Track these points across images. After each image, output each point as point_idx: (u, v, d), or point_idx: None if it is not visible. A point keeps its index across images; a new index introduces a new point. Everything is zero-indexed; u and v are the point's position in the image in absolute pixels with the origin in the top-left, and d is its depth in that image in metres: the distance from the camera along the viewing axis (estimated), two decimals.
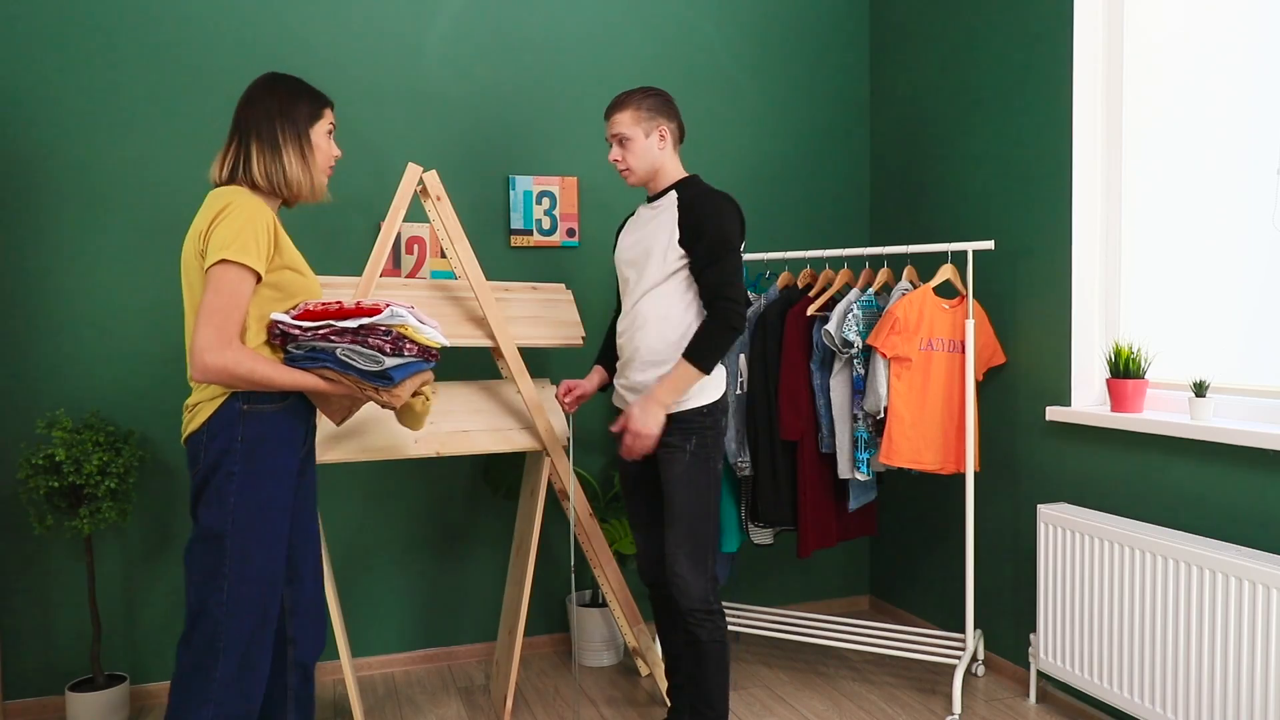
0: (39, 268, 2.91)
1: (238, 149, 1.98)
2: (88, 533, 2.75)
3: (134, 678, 3.03)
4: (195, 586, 1.89)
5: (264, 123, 1.98)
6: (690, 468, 2.39)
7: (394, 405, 1.97)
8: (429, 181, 2.67)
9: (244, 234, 1.85)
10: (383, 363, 1.91)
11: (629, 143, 2.45)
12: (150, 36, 2.97)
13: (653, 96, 2.46)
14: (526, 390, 2.77)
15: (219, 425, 1.88)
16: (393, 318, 1.92)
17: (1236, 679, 2.20)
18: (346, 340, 1.90)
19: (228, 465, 1.87)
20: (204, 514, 1.87)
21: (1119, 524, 2.54)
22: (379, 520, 3.26)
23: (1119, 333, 2.79)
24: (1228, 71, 2.48)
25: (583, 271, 3.43)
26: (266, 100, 2.00)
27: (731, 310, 2.32)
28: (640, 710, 2.91)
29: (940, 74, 3.33)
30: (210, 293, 1.82)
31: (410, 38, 3.21)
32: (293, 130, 2.00)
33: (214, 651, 1.86)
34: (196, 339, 1.81)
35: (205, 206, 1.92)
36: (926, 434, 2.92)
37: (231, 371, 1.81)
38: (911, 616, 3.58)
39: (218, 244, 1.83)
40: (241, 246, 1.84)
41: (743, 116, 3.59)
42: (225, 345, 1.81)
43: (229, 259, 1.82)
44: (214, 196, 1.92)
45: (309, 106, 2.04)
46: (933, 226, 3.40)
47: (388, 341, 1.92)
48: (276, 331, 1.91)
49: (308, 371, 1.91)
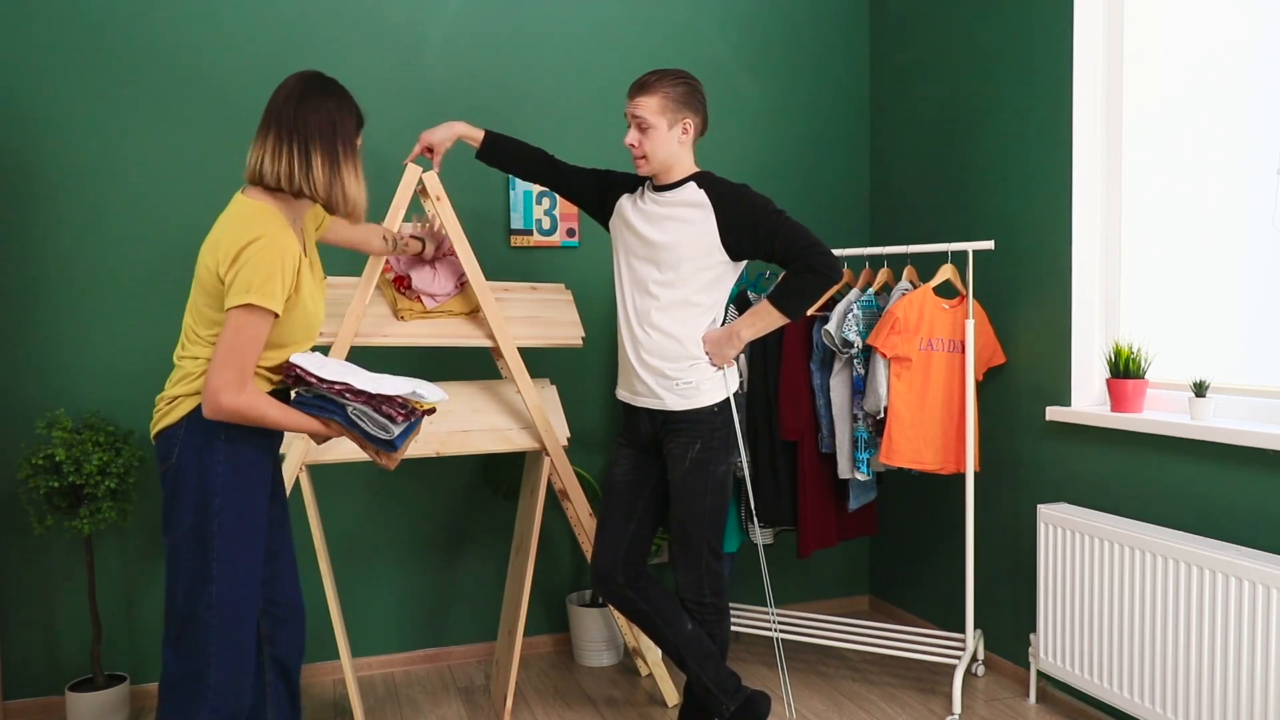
0: (39, 268, 2.91)
1: (294, 153, 1.88)
2: (88, 533, 2.75)
3: (134, 678, 3.03)
4: (182, 590, 1.87)
5: (324, 131, 1.90)
6: (690, 473, 2.38)
7: (389, 467, 1.97)
8: (428, 182, 2.67)
9: (273, 278, 1.81)
10: (392, 432, 1.92)
11: (650, 130, 2.33)
12: (149, 36, 2.97)
13: (683, 85, 2.34)
14: (526, 390, 2.77)
15: (195, 422, 1.87)
16: (425, 397, 1.93)
17: (1236, 679, 2.20)
18: (360, 401, 1.90)
19: (210, 465, 1.86)
20: (187, 515, 1.86)
21: (1119, 524, 2.54)
22: (379, 520, 3.26)
23: (1119, 333, 2.79)
24: (1228, 71, 2.48)
25: (583, 271, 3.42)
26: (325, 105, 1.91)
27: (817, 255, 2.28)
28: (640, 710, 2.91)
29: (940, 74, 3.33)
30: (232, 333, 1.80)
31: (410, 37, 3.21)
32: (350, 144, 1.94)
33: (205, 656, 1.86)
34: (215, 378, 1.79)
35: (236, 222, 1.86)
36: (926, 434, 2.92)
37: (244, 414, 1.82)
38: (911, 616, 3.58)
39: (244, 285, 1.79)
40: (270, 292, 1.81)
41: (743, 116, 3.59)
42: (241, 389, 1.81)
43: (255, 304, 1.79)
44: (247, 213, 1.87)
45: (357, 119, 1.98)
46: (933, 226, 3.40)
47: (401, 413, 1.92)
48: (292, 373, 1.91)
49: (312, 417, 1.91)
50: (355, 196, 1.95)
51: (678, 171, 2.40)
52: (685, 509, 2.40)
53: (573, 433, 3.43)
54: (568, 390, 3.42)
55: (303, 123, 1.88)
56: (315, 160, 1.89)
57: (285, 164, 1.88)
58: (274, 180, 1.89)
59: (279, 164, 1.88)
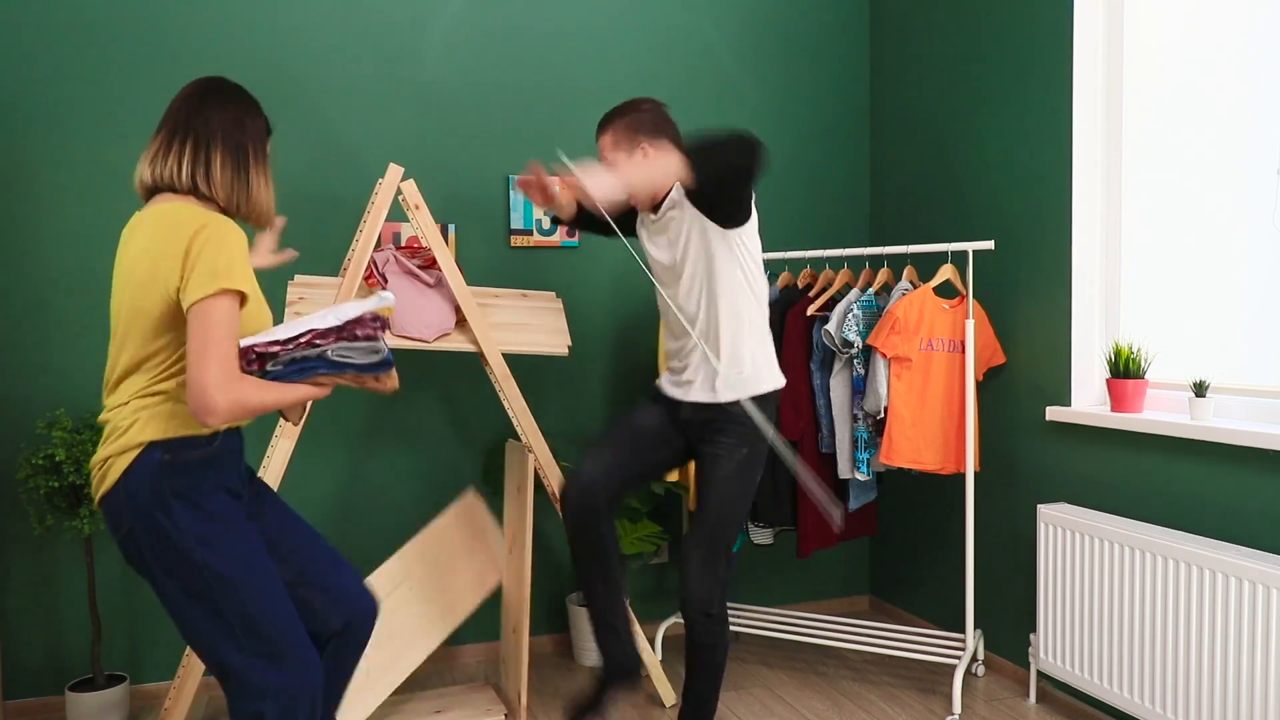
0: (39, 267, 2.91)
1: (195, 154, 1.77)
2: (88, 533, 2.75)
3: (134, 678, 3.03)
4: (207, 652, 1.74)
5: (229, 132, 1.80)
6: (732, 477, 2.35)
7: (393, 387, 1.87)
8: (407, 191, 2.66)
9: (235, 259, 1.70)
10: (383, 349, 1.83)
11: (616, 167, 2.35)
12: (149, 37, 2.97)
13: (629, 115, 2.36)
14: (512, 397, 2.78)
15: (137, 482, 1.70)
16: (381, 303, 1.83)
17: (1236, 679, 2.20)
18: (332, 341, 1.81)
19: (171, 523, 1.69)
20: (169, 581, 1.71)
21: (1119, 524, 2.54)
22: (379, 520, 3.26)
23: (1119, 333, 2.79)
24: (1228, 71, 2.48)
25: (583, 272, 3.42)
26: (228, 106, 1.81)
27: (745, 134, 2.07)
28: (640, 710, 2.91)
29: (940, 74, 3.33)
30: (209, 325, 1.66)
31: (410, 37, 3.21)
32: (259, 148, 1.84)
33: (260, 696, 1.74)
34: (203, 378, 1.64)
35: (169, 224, 1.71)
36: (927, 434, 2.92)
37: (245, 404, 1.68)
38: (911, 616, 3.59)
39: (210, 272, 1.67)
40: (235, 274, 1.69)
41: (743, 116, 3.59)
42: (233, 379, 1.67)
43: (225, 288, 1.67)
44: (172, 211, 1.73)
45: (265, 124, 1.87)
46: (933, 226, 3.40)
47: (376, 326, 1.83)
48: (252, 356, 1.77)
49: (301, 385, 1.79)
50: (261, 201, 1.84)
51: (664, 187, 2.36)
52: (723, 511, 2.34)
53: (571, 432, 3.43)
54: (567, 390, 3.42)
55: (202, 122, 1.78)
56: (215, 160, 1.78)
57: (177, 162, 1.76)
58: (166, 179, 1.77)
59: (170, 163, 1.77)
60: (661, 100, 2.76)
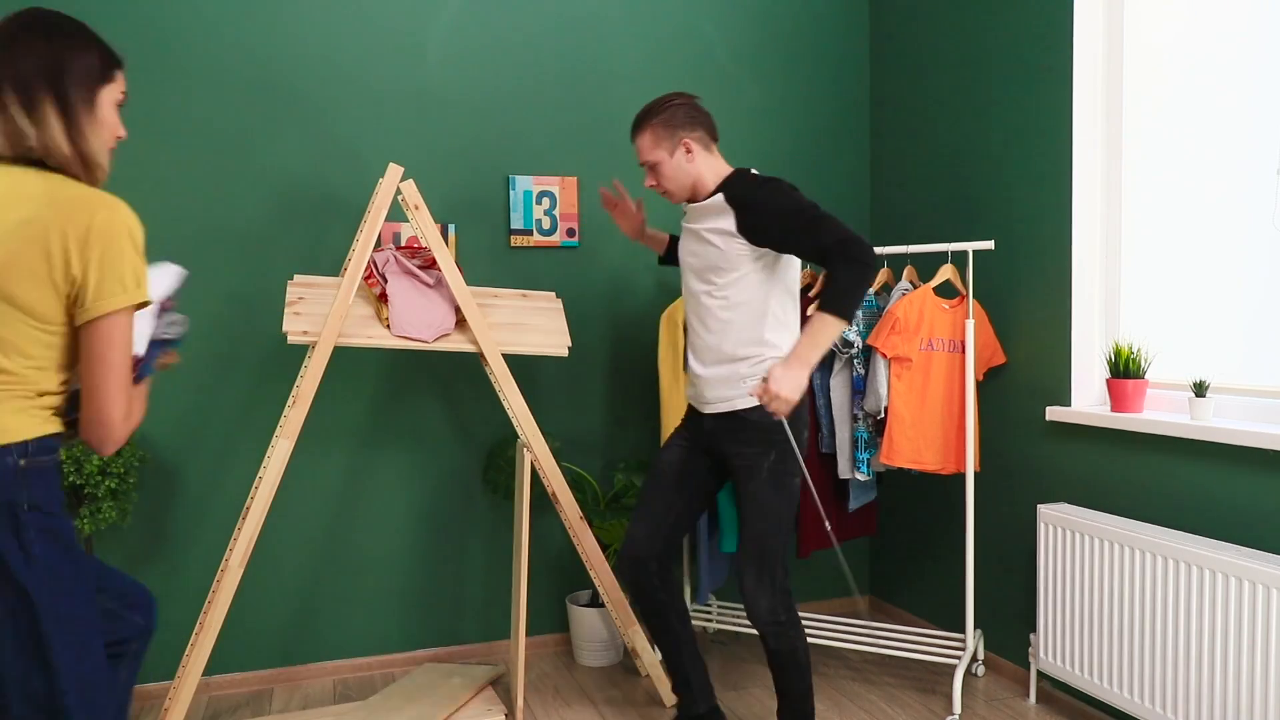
0: None
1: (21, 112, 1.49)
2: (88, 533, 2.75)
3: None
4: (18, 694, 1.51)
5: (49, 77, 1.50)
6: (766, 484, 2.34)
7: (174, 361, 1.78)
8: (406, 191, 2.66)
9: (140, 266, 1.52)
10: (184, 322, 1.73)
11: (658, 166, 2.38)
12: (149, 38, 2.97)
13: (666, 111, 2.35)
14: (512, 396, 2.78)
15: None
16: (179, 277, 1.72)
17: (1236, 679, 2.20)
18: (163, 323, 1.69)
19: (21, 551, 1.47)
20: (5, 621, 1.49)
21: (1119, 524, 2.54)
22: (379, 519, 3.26)
23: (1119, 333, 2.79)
24: (1228, 71, 2.48)
25: (583, 272, 3.42)
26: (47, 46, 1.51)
27: (851, 248, 2.11)
28: (640, 710, 2.91)
29: (940, 74, 3.33)
30: (115, 349, 1.49)
31: (410, 37, 3.21)
32: (86, 91, 1.54)
33: None
34: (112, 409, 1.49)
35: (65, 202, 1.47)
36: (927, 434, 2.92)
37: (134, 427, 1.56)
38: (911, 616, 3.59)
39: (118, 283, 1.48)
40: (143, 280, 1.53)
41: (743, 116, 3.59)
42: (135, 403, 1.55)
43: (139, 302, 1.51)
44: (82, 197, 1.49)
45: (100, 61, 1.57)
46: (933, 226, 3.40)
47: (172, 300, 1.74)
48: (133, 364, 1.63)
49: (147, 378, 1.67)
50: (96, 153, 1.55)
51: (706, 187, 2.40)
52: (763, 522, 2.33)
53: (572, 434, 3.43)
54: (568, 390, 3.42)
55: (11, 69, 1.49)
56: (49, 112, 1.50)
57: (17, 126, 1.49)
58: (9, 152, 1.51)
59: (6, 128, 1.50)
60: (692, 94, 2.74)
